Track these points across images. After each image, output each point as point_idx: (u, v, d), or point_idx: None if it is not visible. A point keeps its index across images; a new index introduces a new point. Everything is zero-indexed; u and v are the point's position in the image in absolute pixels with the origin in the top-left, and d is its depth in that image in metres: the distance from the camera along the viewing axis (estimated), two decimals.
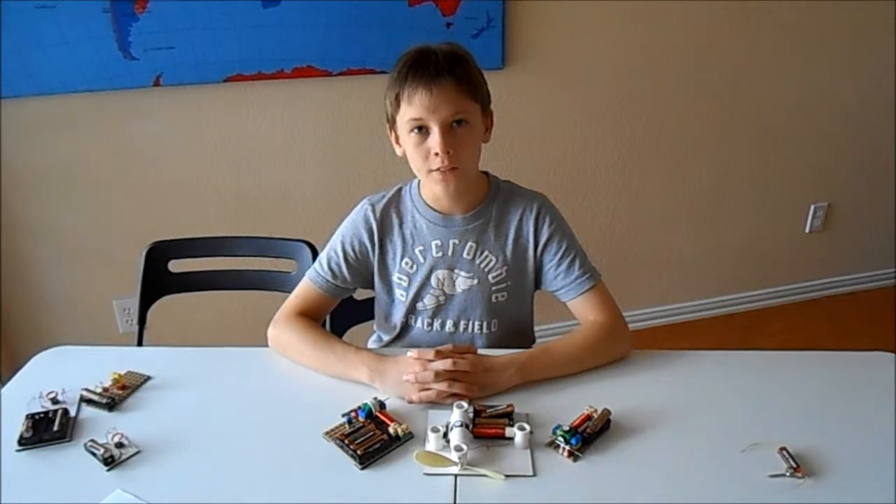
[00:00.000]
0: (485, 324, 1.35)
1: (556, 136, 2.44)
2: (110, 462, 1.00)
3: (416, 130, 1.20)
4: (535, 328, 1.50)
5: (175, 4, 1.93)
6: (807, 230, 2.89)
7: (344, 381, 1.19)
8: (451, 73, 1.17)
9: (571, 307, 1.34)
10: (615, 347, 1.25)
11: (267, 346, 1.29)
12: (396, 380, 1.14)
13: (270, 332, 1.29)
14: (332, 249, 1.34)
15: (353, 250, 1.33)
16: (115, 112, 2.06)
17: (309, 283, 1.34)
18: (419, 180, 1.32)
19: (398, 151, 1.28)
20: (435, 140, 1.18)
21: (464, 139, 1.20)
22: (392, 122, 1.25)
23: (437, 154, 1.19)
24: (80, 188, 2.13)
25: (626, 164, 2.56)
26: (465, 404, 1.07)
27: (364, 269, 1.35)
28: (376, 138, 2.25)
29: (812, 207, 2.85)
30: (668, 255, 2.77)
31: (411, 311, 1.36)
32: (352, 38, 2.09)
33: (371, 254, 1.33)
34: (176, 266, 1.64)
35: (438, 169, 1.20)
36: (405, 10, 2.08)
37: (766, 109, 2.62)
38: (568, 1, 2.25)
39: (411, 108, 1.18)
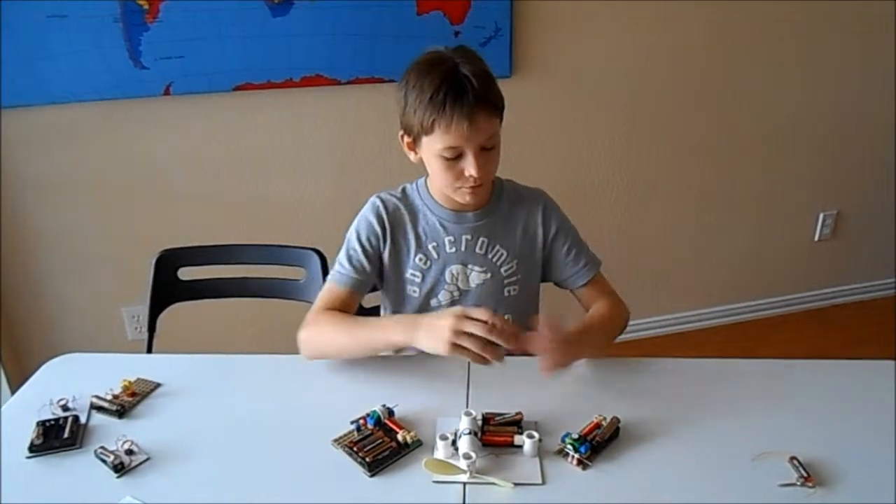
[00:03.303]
0: None
1: (563, 144, 2.44)
2: (120, 469, 1.00)
3: (449, 153, 1.20)
4: None
5: (185, 14, 1.95)
6: (815, 238, 2.88)
7: (377, 358, 1.23)
8: (487, 101, 1.18)
9: (579, 294, 1.39)
10: (624, 321, 1.35)
11: (274, 353, 1.29)
12: (438, 328, 1.07)
13: (301, 334, 1.25)
14: (350, 247, 1.33)
15: (370, 243, 1.33)
16: (126, 121, 2.08)
17: (332, 285, 1.32)
18: (425, 179, 1.34)
19: (412, 158, 1.29)
20: (470, 163, 1.20)
21: (492, 158, 1.24)
22: (411, 134, 1.25)
23: (469, 175, 1.21)
24: (90, 196, 2.14)
25: (633, 172, 2.56)
26: (473, 412, 1.07)
27: (380, 261, 1.35)
28: (384, 146, 2.25)
29: (821, 215, 2.84)
30: (676, 263, 2.76)
31: (424, 307, 1.35)
32: (360, 46, 2.10)
33: (382, 246, 1.33)
34: (185, 274, 1.65)
35: (470, 186, 1.23)
36: (413, 18, 2.10)
37: (774, 116, 2.61)
38: (576, 10, 2.26)
39: (448, 137, 1.18)
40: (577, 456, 1.00)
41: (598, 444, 1.02)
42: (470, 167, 1.20)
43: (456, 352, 1.06)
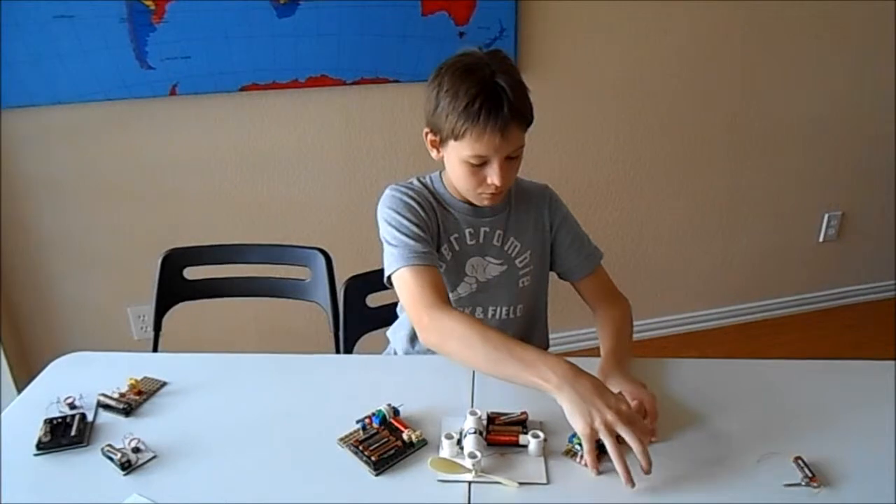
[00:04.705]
0: (511, 308, 1.37)
1: (568, 145, 2.45)
2: (127, 466, 1.01)
3: (476, 160, 1.19)
4: (550, 335, 1.51)
5: (191, 15, 1.96)
6: (820, 239, 2.88)
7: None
8: (521, 114, 1.17)
9: (580, 286, 1.41)
10: (631, 317, 1.37)
11: (279, 352, 1.30)
12: (598, 407, 0.98)
13: (426, 322, 1.16)
14: (405, 229, 1.24)
15: (417, 217, 1.26)
16: (132, 121, 2.09)
17: (415, 270, 1.20)
18: (439, 173, 1.34)
19: (434, 155, 1.27)
20: (494, 172, 1.19)
21: (515, 166, 1.24)
22: (438, 135, 1.22)
23: (492, 183, 1.20)
24: (96, 196, 2.15)
25: (638, 173, 2.56)
26: (478, 411, 1.07)
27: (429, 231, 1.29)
28: (389, 147, 2.26)
29: (826, 216, 2.84)
30: (680, 264, 2.76)
31: None
32: (365, 47, 2.10)
33: (427, 219, 1.28)
34: (191, 273, 1.66)
35: (490, 192, 1.23)
36: (418, 19, 2.10)
37: (780, 117, 2.61)
38: (581, 10, 2.26)
39: (478, 146, 1.17)
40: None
41: (604, 443, 1.02)
42: (494, 176, 1.20)
43: (591, 440, 0.97)
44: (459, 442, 1.03)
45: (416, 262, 1.20)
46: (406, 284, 1.20)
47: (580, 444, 1.01)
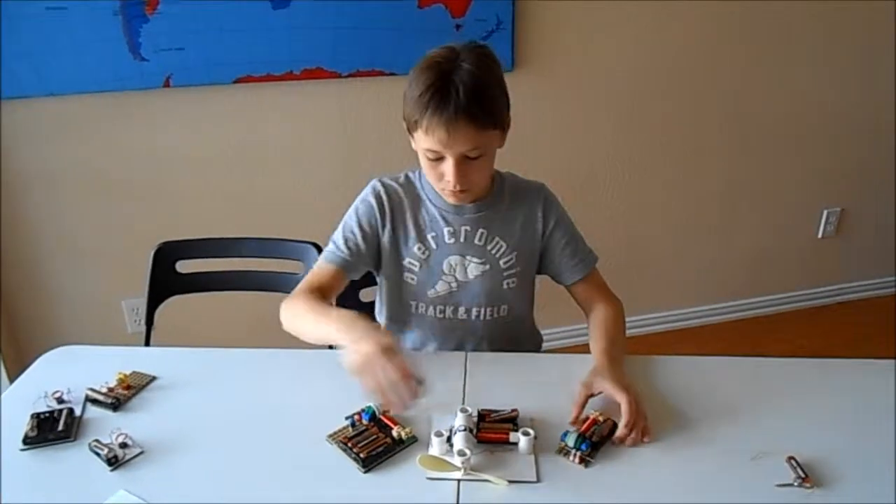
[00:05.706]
0: (495, 310, 1.36)
1: (565, 140, 2.43)
2: (114, 462, 1.00)
3: (430, 154, 1.19)
4: (543, 331, 1.50)
5: (185, 6, 1.94)
6: (819, 235, 2.87)
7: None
8: (470, 113, 1.13)
9: (573, 290, 1.39)
10: (624, 317, 1.35)
11: (270, 347, 1.29)
12: (359, 349, 1.03)
13: (282, 305, 1.24)
14: (347, 228, 1.33)
15: (369, 225, 1.32)
16: (125, 113, 2.07)
17: (322, 263, 1.31)
18: None
19: (413, 145, 1.27)
20: (448, 169, 1.19)
21: (477, 168, 1.21)
22: (405, 123, 1.24)
23: (447, 180, 1.20)
24: (89, 189, 2.14)
25: (636, 169, 2.54)
26: (469, 408, 1.06)
27: (378, 244, 1.34)
28: (385, 139, 2.24)
29: (825, 212, 2.82)
30: (679, 260, 2.75)
31: (422, 297, 1.35)
32: (361, 39, 2.09)
33: (381, 230, 1.32)
34: (184, 267, 1.65)
35: (450, 189, 1.23)
36: (414, 11, 2.08)
37: (778, 113, 2.60)
38: (578, 4, 2.24)
39: (428, 139, 1.16)
40: (579, 453, 1.00)
41: (595, 441, 1.02)
42: (448, 173, 1.19)
43: (361, 378, 1.02)
44: (449, 439, 1.02)
45: (327, 259, 1.30)
46: (310, 271, 1.31)
47: (573, 443, 1.00)
